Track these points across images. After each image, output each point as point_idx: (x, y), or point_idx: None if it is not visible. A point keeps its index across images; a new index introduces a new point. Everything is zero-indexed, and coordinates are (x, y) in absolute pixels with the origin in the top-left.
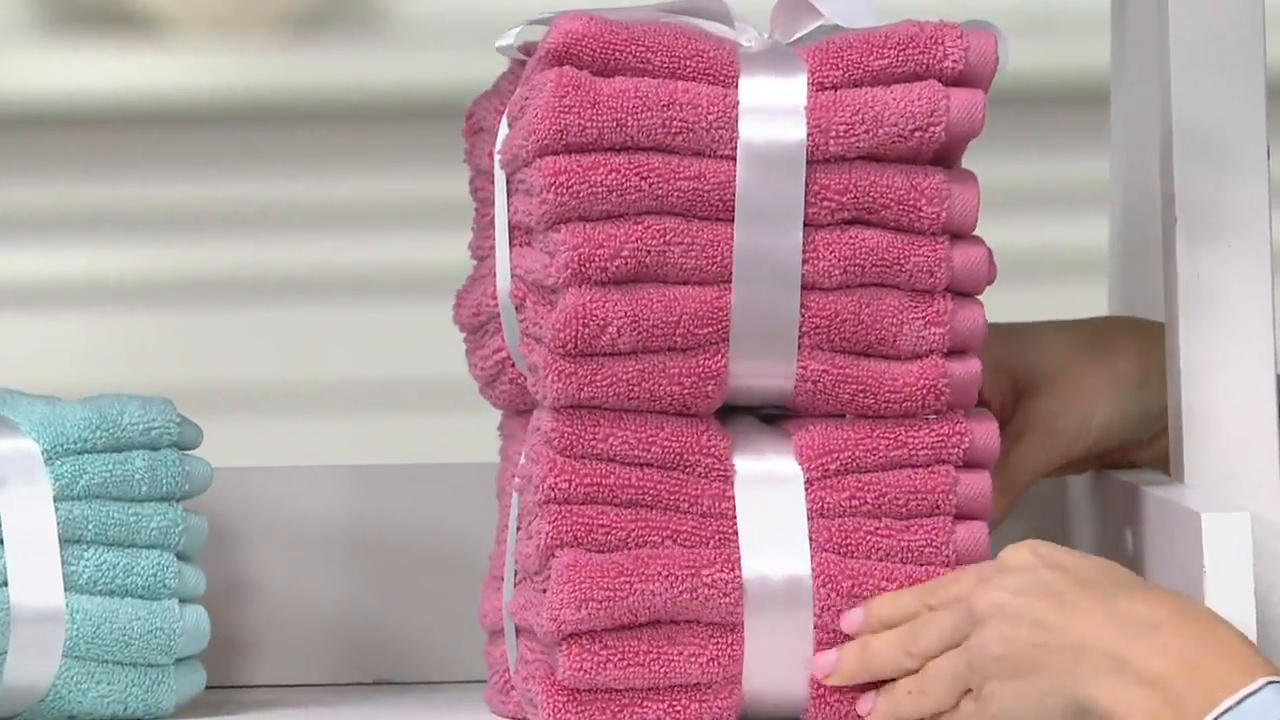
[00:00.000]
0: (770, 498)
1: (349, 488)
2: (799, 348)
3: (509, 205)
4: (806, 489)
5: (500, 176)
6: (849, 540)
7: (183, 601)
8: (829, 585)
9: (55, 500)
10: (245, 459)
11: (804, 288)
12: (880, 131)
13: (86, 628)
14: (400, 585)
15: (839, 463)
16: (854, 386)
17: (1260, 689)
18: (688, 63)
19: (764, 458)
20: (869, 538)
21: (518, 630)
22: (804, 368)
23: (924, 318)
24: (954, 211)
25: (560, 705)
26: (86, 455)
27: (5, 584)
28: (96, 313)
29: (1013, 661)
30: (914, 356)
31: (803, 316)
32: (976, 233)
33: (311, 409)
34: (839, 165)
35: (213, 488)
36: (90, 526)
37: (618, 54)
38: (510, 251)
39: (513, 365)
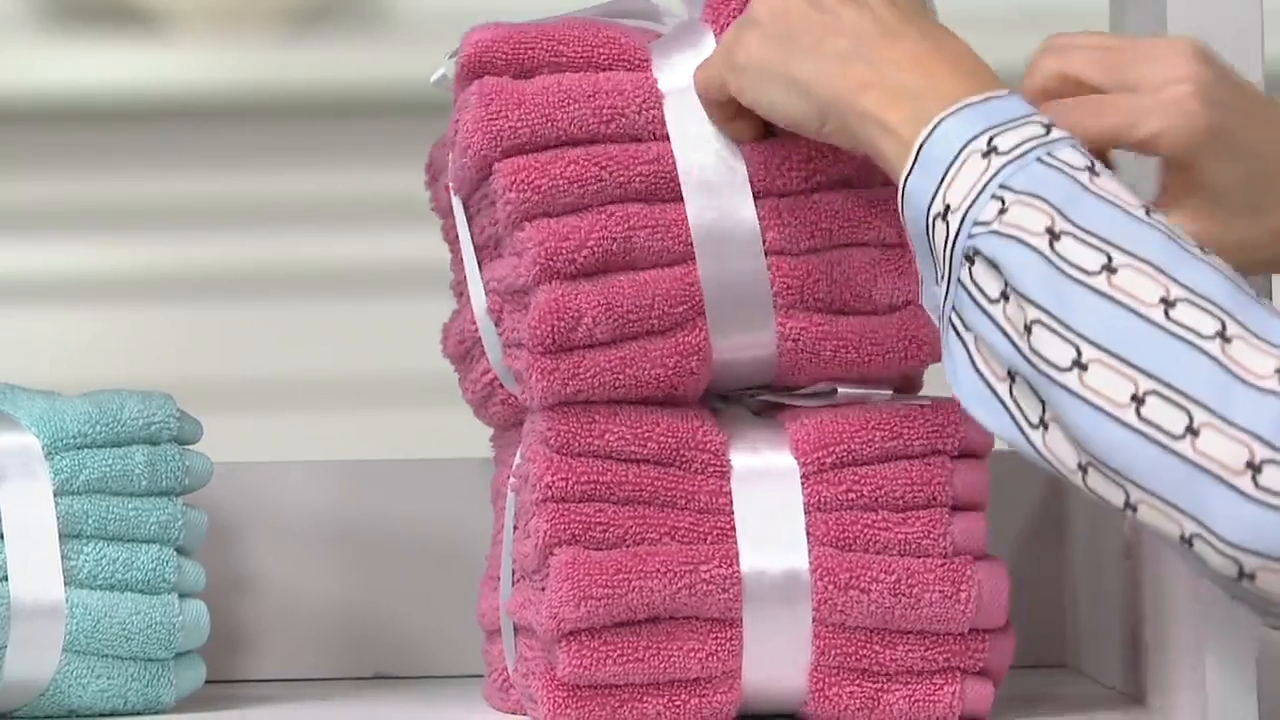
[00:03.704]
0: (767, 492)
1: (349, 483)
2: (774, 309)
3: (474, 227)
4: (803, 483)
5: (458, 204)
6: (846, 533)
7: (182, 596)
8: (827, 579)
9: (55, 495)
10: (245, 454)
11: (772, 253)
12: None
13: (86, 622)
14: (399, 580)
15: (835, 456)
16: (834, 343)
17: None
18: (600, 50)
19: (760, 453)
20: (866, 530)
21: (516, 628)
22: (782, 326)
23: (897, 268)
24: None
25: (560, 701)
26: (86, 450)
27: (5, 579)
28: (96, 308)
29: (780, 21)
30: (891, 309)
31: (774, 279)
32: None
33: (311, 404)
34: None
35: (212, 483)
36: (90, 521)
37: (531, 52)
38: (481, 270)
39: (501, 386)
